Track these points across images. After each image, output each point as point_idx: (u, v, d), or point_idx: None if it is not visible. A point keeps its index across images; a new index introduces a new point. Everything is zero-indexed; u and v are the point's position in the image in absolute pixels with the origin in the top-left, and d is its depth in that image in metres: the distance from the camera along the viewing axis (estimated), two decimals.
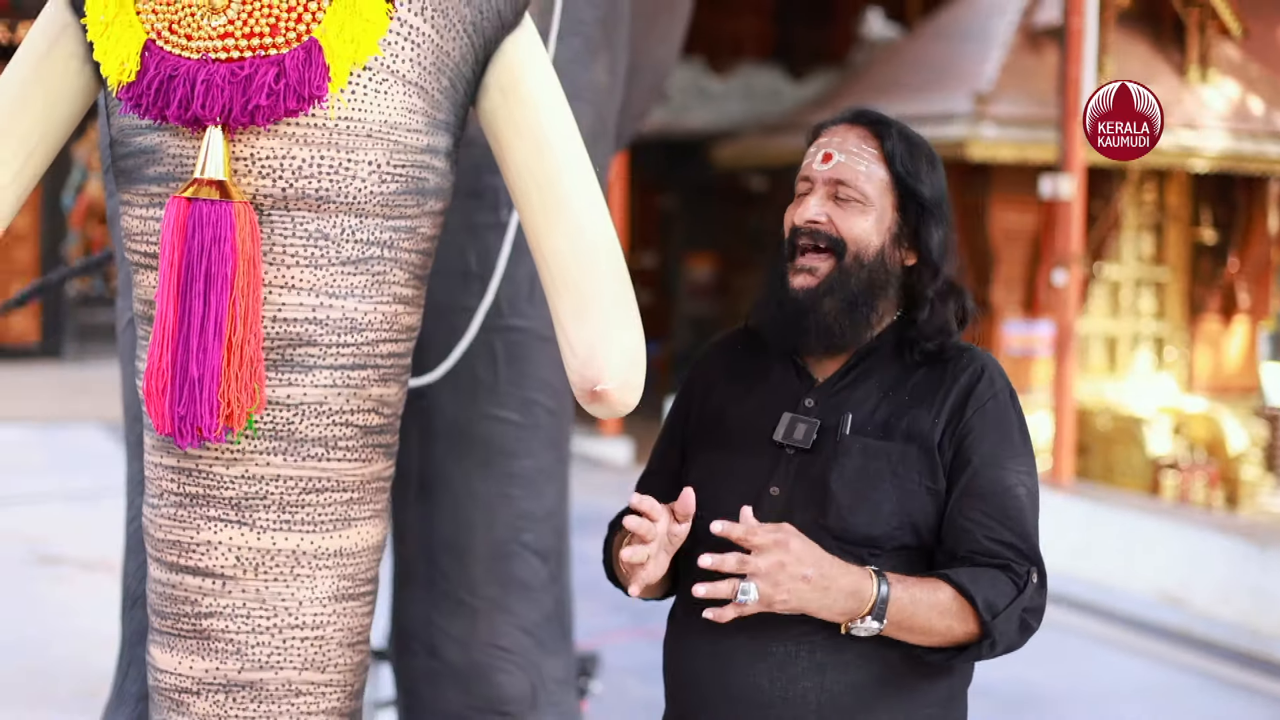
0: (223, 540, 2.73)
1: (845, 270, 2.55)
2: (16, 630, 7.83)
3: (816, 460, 2.53)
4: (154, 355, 2.59)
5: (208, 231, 2.54)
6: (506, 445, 4.01)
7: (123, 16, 2.62)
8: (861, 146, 2.59)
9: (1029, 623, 2.48)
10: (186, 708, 2.79)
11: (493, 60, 2.80)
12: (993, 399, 2.54)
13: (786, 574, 2.32)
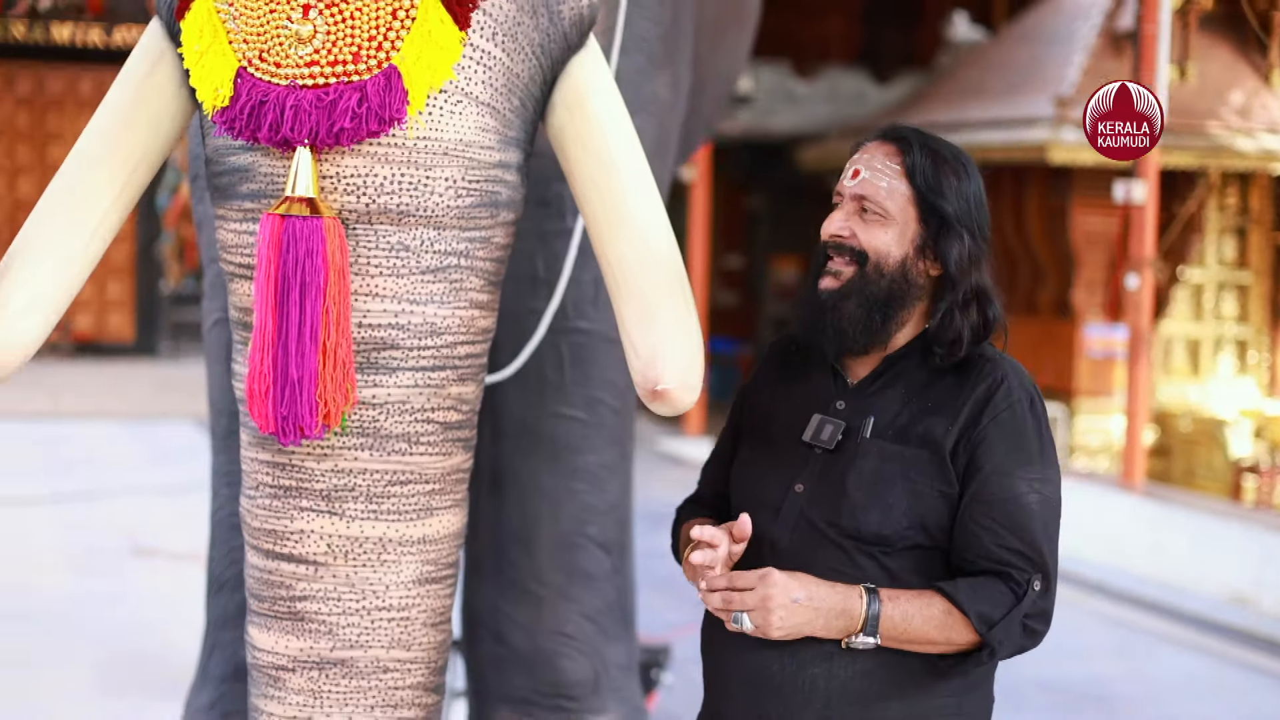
0: (315, 529, 2.93)
1: (866, 278, 2.67)
2: (111, 618, 8.05)
3: (839, 461, 2.66)
4: (255, 360, 2.77)
5: (301, 245, 2.73)
6: (572, 442, 4.17)
7: (216, 45, 2.81)
8: (886, 163, 2.71)
9: (1033, 628, 2.59)
10: (283, 684, 2.98)
11: (560, 79, 2.97)
12: (1008, 409, 2.63)
13: (775, 603, 2.48)
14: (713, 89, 5.55)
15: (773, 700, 2.62)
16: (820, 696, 2.60)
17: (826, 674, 2.59)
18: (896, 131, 2.76)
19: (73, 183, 2.95)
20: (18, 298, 2.85)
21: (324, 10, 2.72)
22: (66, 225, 2.93)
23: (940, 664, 2.57)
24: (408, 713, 3.02)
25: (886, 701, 2.61)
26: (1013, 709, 7.06)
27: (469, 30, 2.79)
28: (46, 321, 2.89)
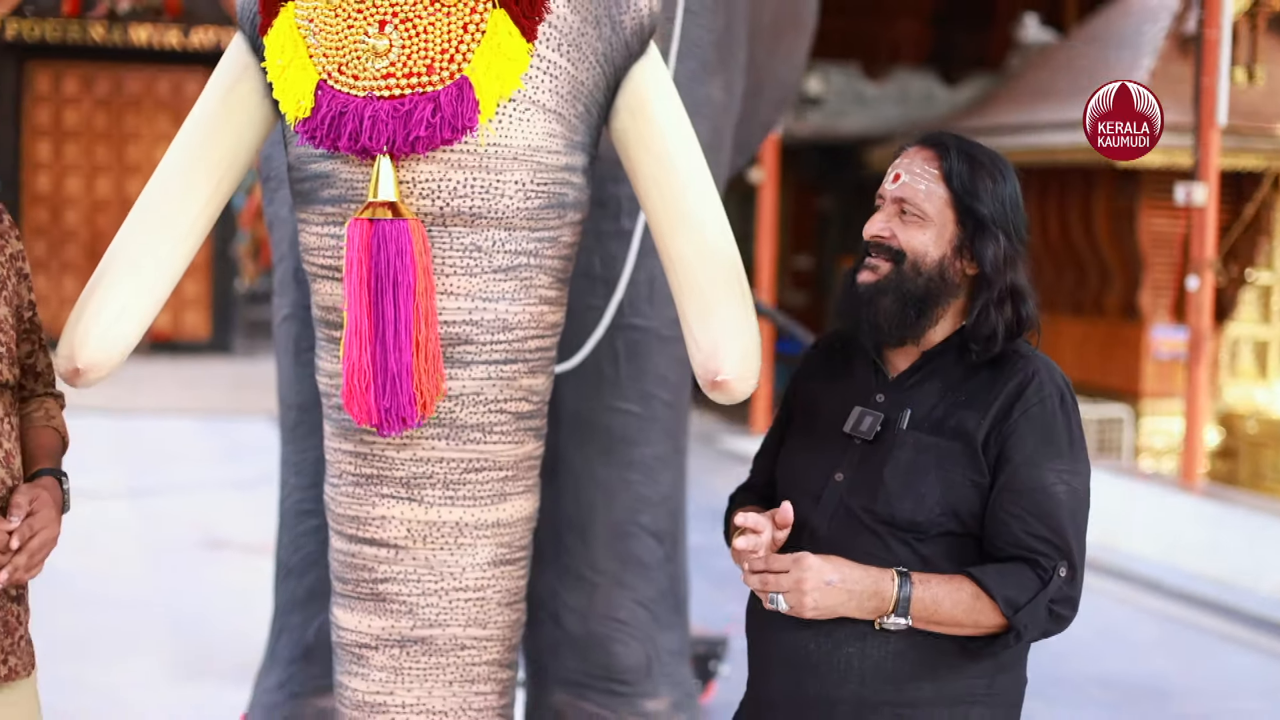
0: (395, 515, 3.08)
1: (902, 274, 2.79)
2: (184, 608, 8.25)
3: (877, 451, 2.78)
4: (352, 357, 2.91)
5: (391, 246, 2.87)
6: (627, 434, 4.31)
7: (298, 60, 2.96)
8: (925, 168, 2.82)
9: (1059, 613, 2.68)
10: (366, 661, 3.14)
11: (622, 86, 3.11)
12: (1039, 404, 2.73)
13: (809, 585, 2.60)
14: (770, 92, 5.68)
15: (810, 679, 2.74)
16: (855, 675, 2.71)
17: (860, 654, 2.71)
18: (935, 137, 2.87)
19: (163, 192, 3.10)
20: (111, 306, 2.98)
21: (399, 25, 2.87)
22: (157, 234, 3.07)
23: (969, 646, 2.68)
24: (484, 687, 3.17)
25: (919, 681, 2.72)
26: (1070, 704, 7.16)
27: (535, 42, 2.92)
28: (138, 328, 3.03)
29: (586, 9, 2.98)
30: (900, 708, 2.72)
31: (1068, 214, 15.82)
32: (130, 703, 6.56)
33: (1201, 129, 9.93)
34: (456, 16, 2.87)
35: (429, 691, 3.14)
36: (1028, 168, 11.00)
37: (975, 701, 2.76)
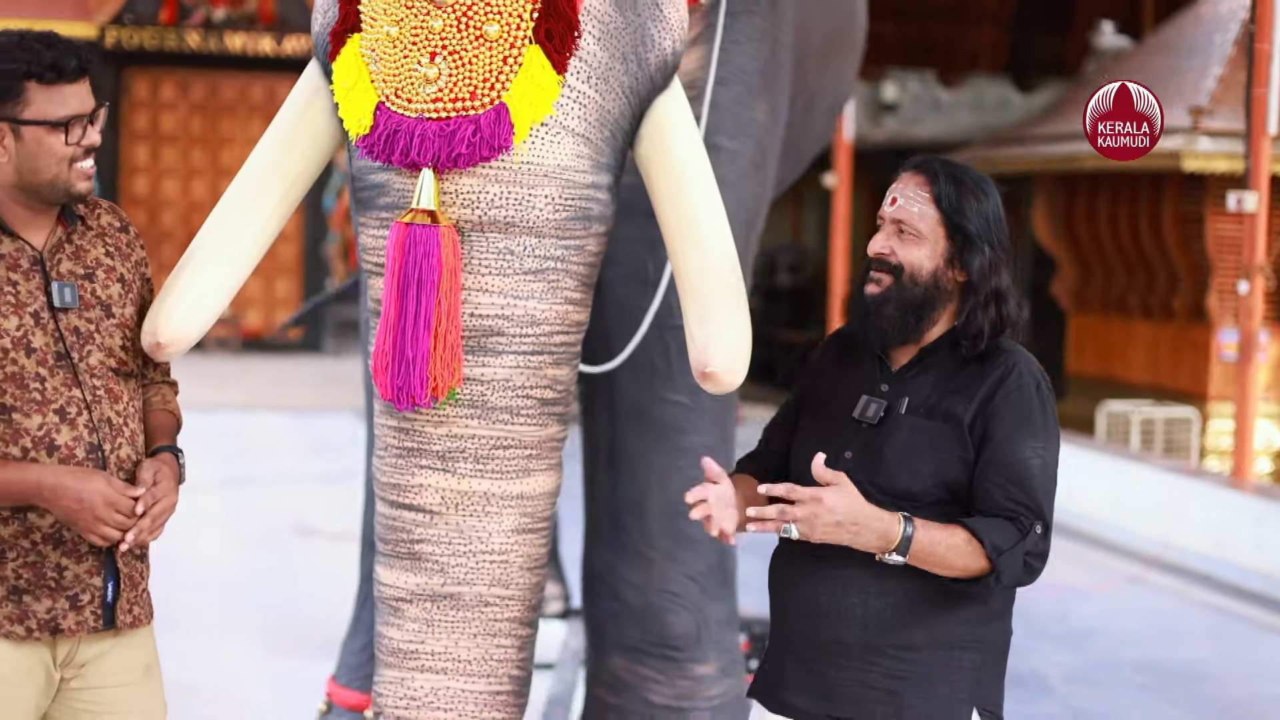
0: (431, 484, 3.47)
1: (902, 286, 3.19)
2: (276, 591, 8.65)
3: (880, 433, 3.18)
4: (379, 340, 3.34)
5: (420, 248, 3.27)
6: (678, 423, 4.71)
7: (360, 84, 3.37)
8: (918, 192, 3.22)
9: (1032, 564, 3.07)
10: (401, 613, 3.54)
11: (646, 115, 3.50)
12: (1018, 390, 3.14)
13: (820, 520, 2.98)
14: (822, 108, 6.08)
15: (822, 625, 3.15)
16: (858, 622, 3.12)
17: (863, 604, 3.12)
18: (926, 164, 3.27)
19: (242, 195, 3.53)
20: (192, 291, 3.39)
21: (447, 56, 3.27)
22: (235, 231, 3.50)
23: (954, 587, 3.06)
24: (505, 641, 3.54)
25: (914, 628, 3.11)
26: (1109, 686, 7.50)
27: (566, 74, 3.31)
28: (215, 312, 3.44)
29: (615, 46, 3.37)
30: (900, 650, 3.12)
31: (1137, 219, 15.97)
32: (228, 673, 6.94)
33: (1253, 138, 10.19)
34: (497, 50, 3.27)
35: (456, 642, 3.51)
36: (1098, 174, 11.44)
37: (966, 648, 3.15)
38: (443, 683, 3.52)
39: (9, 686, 3.20)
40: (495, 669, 3.54)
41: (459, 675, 3.52)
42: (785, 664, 3.24)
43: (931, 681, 3.13)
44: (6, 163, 3.17)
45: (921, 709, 3.13)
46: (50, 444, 3.15)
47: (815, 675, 3.18)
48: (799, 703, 3.20)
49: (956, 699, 3.15)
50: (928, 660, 3.13)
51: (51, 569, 3.18)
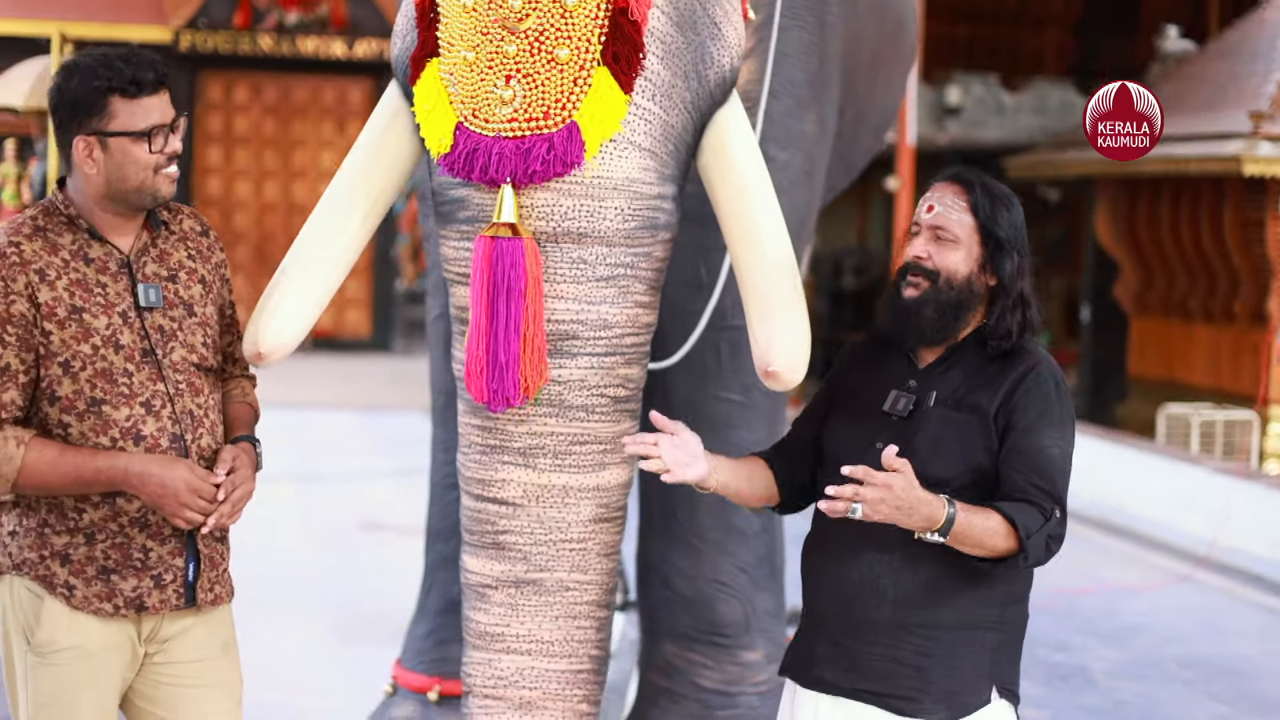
0: (513, 478, 3.71)
1: (939, 290, 3.41)
2: (344, 584, 8.88)
3: (910, 425, 3.40)
4: (471, 347, 3.55)
5: (507, 260, 3.50)
6: (730, 420, 4.92)
7: (440, 105, 3.58)
8: (955, 200, 3.44)
9: (1052, 546, 3.29)
10: (488, 598, 3.78)
11: (707, 128, 3.71)
12: (1037, 385, 3.36)
13: (884, 504, 3.17)
14: (871, 119, 6.28)
15: (855, 603, 3.37)
16: (889, 602, 3.34)
17: (894, 585, 3.34)
18: (961, 175, 3.48)
19: (330, 210, 3.76)
20: (286, 303, 3.64)
21: (521, 79, 3.49)
22: (325, 244, 3.74)
23: (981, 565, 3.27)
24: (584, 623, 3.79)
25: (942, 608, 3.33)
26: (1152, 680, 7.64)
27: (632, 93, 3.52)
28: (310, 320, 3.70)
29: (677, 65, 3.58)
30: (928, 629, 3.34)
31: (1199, 223, 16.01)
32: (299, 660, 7.16)
33: None
34: (568, 73, 3.49)
35: (539, 625, 3.76)
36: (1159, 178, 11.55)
37: (989, 628, 3.38)
38: (527, 663, 3.76)
39: (97, 660, 3.44)
40: (576, 649, 3.78)
41: (542, 656, 3.76)
42: (818, 642, 3.45)
43: (956, 659, 3.34)
44: (96, 174, 3.41)
45: (946, 685, 3.33)
46: (137, 434, 3.39)
47: (847, 651, 3.38)
48: (830, 677, 3.41)
49: (979, 676, 3.37)
50: (953, 639, 3.35)
51: (137, 550, 3.42)
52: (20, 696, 3.49)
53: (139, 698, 3.57)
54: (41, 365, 3.36)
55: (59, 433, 3.38)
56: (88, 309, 3.38)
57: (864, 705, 3.37)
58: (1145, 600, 9.50)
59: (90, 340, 3.37)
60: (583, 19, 3.47)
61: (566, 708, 3.78)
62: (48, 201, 3.48)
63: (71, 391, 3.36)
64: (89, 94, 3.35)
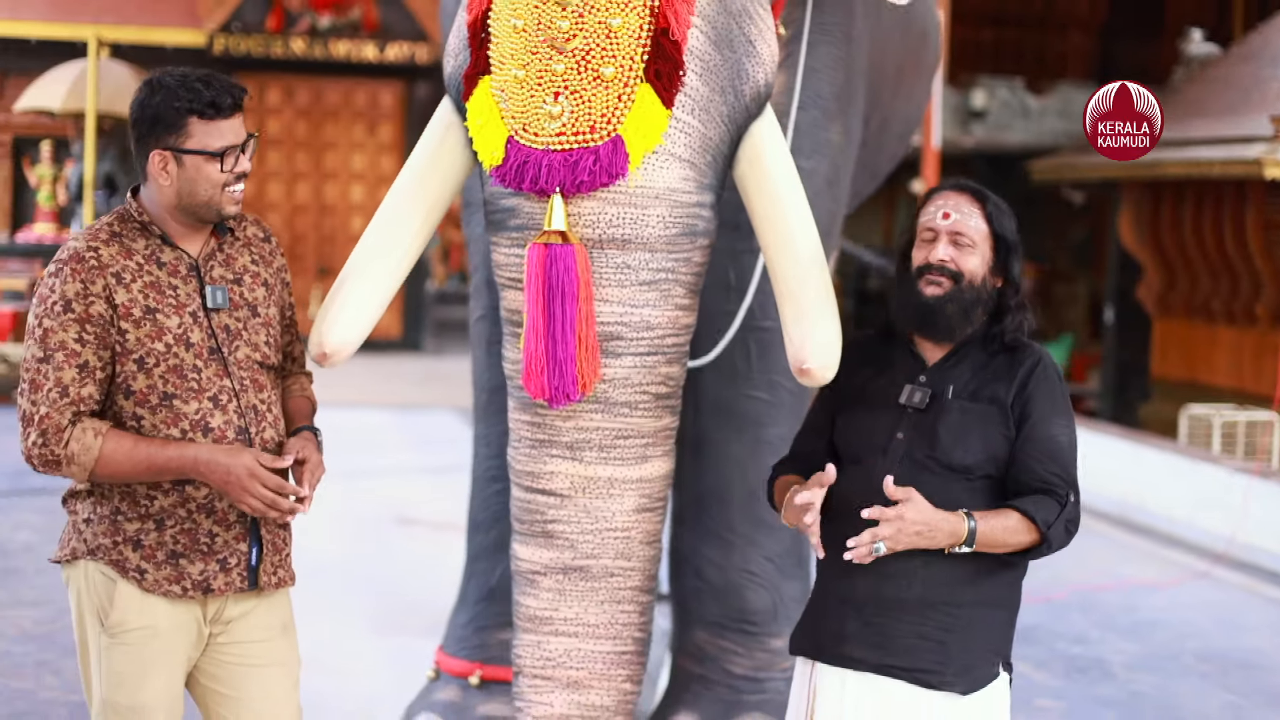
0: (561, 470, 3.95)
1: (961, 290, 3.66)
2: (383, 576, 9.09)
3: (928, 416, 3.65)
4: (530, 348, 3.78)
5: (560, 265, 3.74)
6: (758, 417, 5.15)
7: (491, 120, 3.82)
8: (970, 209, 3.70)
9: (1070, 529, 3.58)
10: (537, 584, 4.01)
11: (743, 139, 3.95)
12: (1045, 379, 3.65)
13: (903, 534, 3.46)
14: (895, 127, 6.52)
15: (887, 584, 3.61)
16: (919, 582, 3.59)
17: (925, 567, 3.58)
18: (969, 186, 3.76)
19: (389, 219, 4.00)
20: (349, 307, 3.90)
21: (569, 96, 3.72)
22: (384, 251, 3.98)
23: (1006, 559, 3.56)
24: (629, 607, 4.03)
25: (965, 588, 3.60)
26: (1167, 673, 7.82)
27: (673, 108, 3.76)
28: (371, 322, 3.95)
29: (715, 82, 3.81)
30: (951, 607, 3.59)
31: (1221, 226, 16.11)
32: (339, 649, 7.33)
33: None
34: (613, 89, 3.72)
35: (585, 609, 3.99)
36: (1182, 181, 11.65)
37: (1000, 606, 3.66)
38: (574, 645, 4.00)
39: (166, 638, 3.68)
40: (620, 632, 4.02)
41: (589, 638, 4.00)
42: (846, 620, 3.67)
43: (973, 634, 3.61)
44: (169, 185, 3.65)
45: (963, 658, 3.59)
46: (205, 426, 3.63)
47: (875, 629, 3.62)
48: (859, 654, 3.64)
49: (989, 649, 3.64)
50: (971, 616, 3.61)
51: (204, 535, 3.66)
52: (94, 675, 3.73)
53: (204, 676, 3.80)
54: (117, 362, 3.60)
55: (132, 424, 3.62)
56: (160, 309, 3.62)
57: (890, 680, 3.61)
58: (1164, 596, 9.67)
59: (163, 338, 3.60)
60: (627, 39, 3.69)
61: (611, 686, 4.01)
62: (122, 209, 3.72)
63: (145, 386, 3.60)
64: (169, 113, 3.59)
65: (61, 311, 3.56)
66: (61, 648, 7.38)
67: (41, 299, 3.61)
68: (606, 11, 3.72)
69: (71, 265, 3.59)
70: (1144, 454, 12.62)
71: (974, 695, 3.62)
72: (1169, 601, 9.54)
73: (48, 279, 3.60)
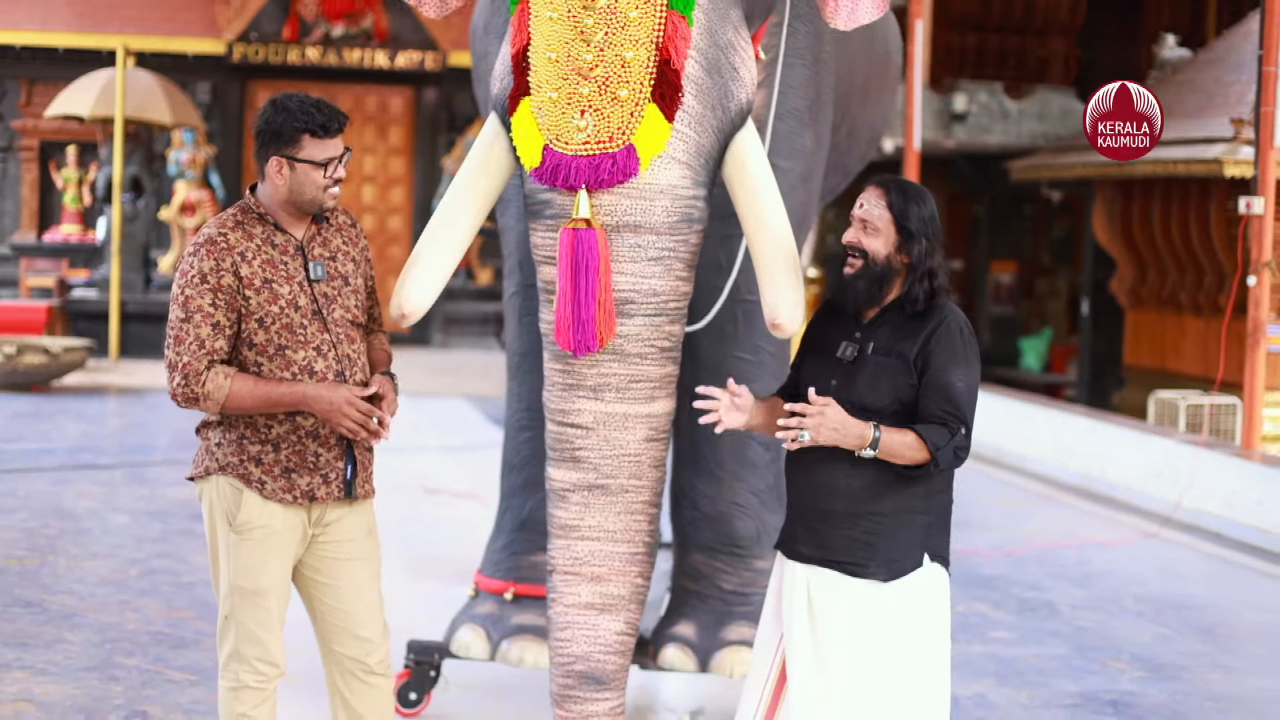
0: (585, 408, 4.81)
1: (868, 266, 4.51)
2: (411, 534, 9.99)
3: (854, 367, 4.51)
4: (560, 310, 4.67)
5: (585, 245, 4.62)
6: (744, 375, 5.98)
7: (531, 132, 4.70)
8: (877, 200, 4.52)
9: (960, 454, 4.40)
10: (567, 499, 4.87)
11: (730, 146, 4.83)
12: (946, 335, 4.42)
13: (823, 428, 4.31)
14: (863, 133, 7.52)
15: (819, 497, 4.50)
16: (844, 495, 4.45)
17: (847, 483, 4.44)
18: (884, 181, 4.60)
19: (450, 207, 4.92)
20: (422, 278, 4.80)
21: (593, 113, 4.61)
22: (446, 234, 4.90)
23: (906, 472, 4.42)
24: (639, 517, 4.87)
25: (883, 499, 4.45)
26: (1108, 612, 8.81)
27: (674, 122, 4.65)
28: (437, 291, 4.85)
29: (707, 100, 4.71)
30: (873, 515, 4.44)
31: (1187, 221, 16.70)
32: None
33: (1261, 150, 11.41)
34: (626, 108, 4.61)
35: (605, 519, 4.85)
36: (1150, 179, 12.62)
37: (919, 513, 4.49)
38: (597, 547, 4.85)
39: (280, 535, 4.67)
40: (634, 536, 4.87)
41: (608, 541, 4.85)
42: (796, 525, 4.58)
43: (897, 535, 4.47)
44: (282, 185, 4.65)
45: (890, 553, 4.46)
46: (311, 370, 4.64)
47: (816, 532, 4.51)
48: (806, 551, 4.53)
49: (913, 547, 4.49)
50: (894, 521, 4.46)
51: (311, 455, 4.67)
52: (221, 568, 4.73)
53: (306, 569, 4.81)
54: (242, 321, 4.60)
55: (254, 369, 4.62)
56: (275, 280, 4.62)
57: (828, 570, 4.50)
58: (1114, 552, 10.64)
59: (277, 303, 4.61)
60: (637, 68, 4.62)
61: (626, 580, 4.89)
62: (243, 203, 4.72)
63: (264, 340, 4.61)
64: (289, 130, 4.59)
65: (199, 282, 4.57)
66: (135, 590, 8.45)
67: (183, 273, 4.61)
68: (621, 47, 4.62)
69: (206, 247, 4.60)
70: (1103, 429, 13.59)
71: (895, 581, 4.46)
72: (1118, 556, 10.51)
73: (188, 258, 4.61)
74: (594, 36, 4.64)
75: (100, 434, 14.65)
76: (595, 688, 4.88)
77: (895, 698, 4.48)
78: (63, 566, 9.02)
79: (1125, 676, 7.55)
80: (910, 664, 4.50)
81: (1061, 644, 8.11)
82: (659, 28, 4.65)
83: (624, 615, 4.92)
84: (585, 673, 4.88)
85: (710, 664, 6.08)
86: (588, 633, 4.88)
